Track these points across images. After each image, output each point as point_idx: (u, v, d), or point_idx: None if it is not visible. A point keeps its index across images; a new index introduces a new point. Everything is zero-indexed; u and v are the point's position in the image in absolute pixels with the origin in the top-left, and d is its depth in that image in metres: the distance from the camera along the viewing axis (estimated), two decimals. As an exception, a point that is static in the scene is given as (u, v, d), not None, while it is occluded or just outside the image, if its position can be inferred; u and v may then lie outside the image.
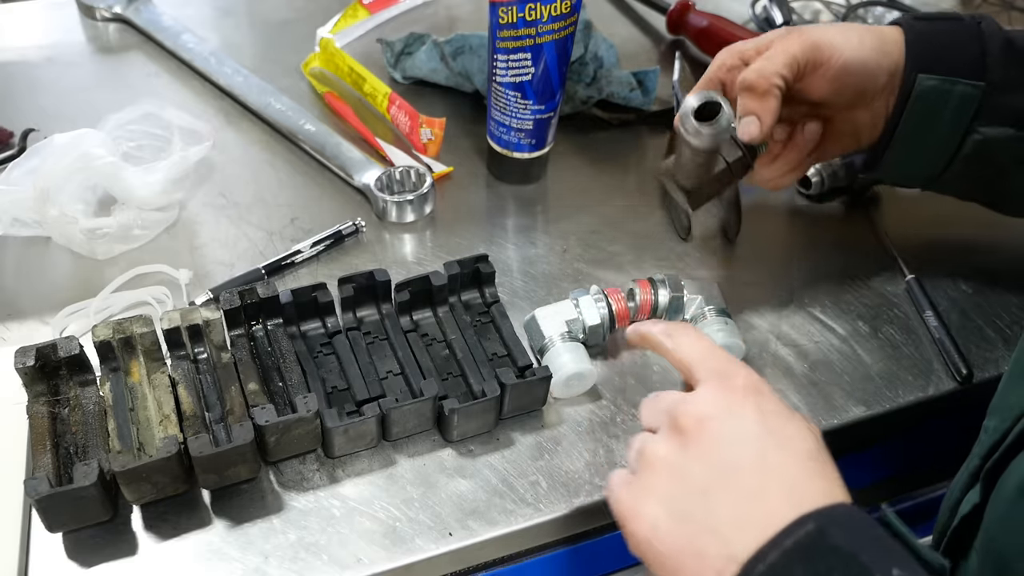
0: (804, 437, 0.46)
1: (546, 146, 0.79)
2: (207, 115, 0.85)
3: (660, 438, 0.47)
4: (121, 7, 0.95)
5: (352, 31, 0.96)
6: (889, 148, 0.66)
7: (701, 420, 0.46)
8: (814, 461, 0.45)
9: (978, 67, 0.62)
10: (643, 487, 0.46)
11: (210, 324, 0.60)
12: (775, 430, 0.45)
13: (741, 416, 0.46)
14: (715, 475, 0.44)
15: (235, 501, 0.57)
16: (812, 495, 0.43)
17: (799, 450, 0.45)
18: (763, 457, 0.44)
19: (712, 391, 0.47)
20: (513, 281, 0.72)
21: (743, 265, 0.75)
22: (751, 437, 0.45)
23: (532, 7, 0.68)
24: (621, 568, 0.70)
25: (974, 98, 0.62)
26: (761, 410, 0.46)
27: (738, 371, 0.48)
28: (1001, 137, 0.64)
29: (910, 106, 0.63)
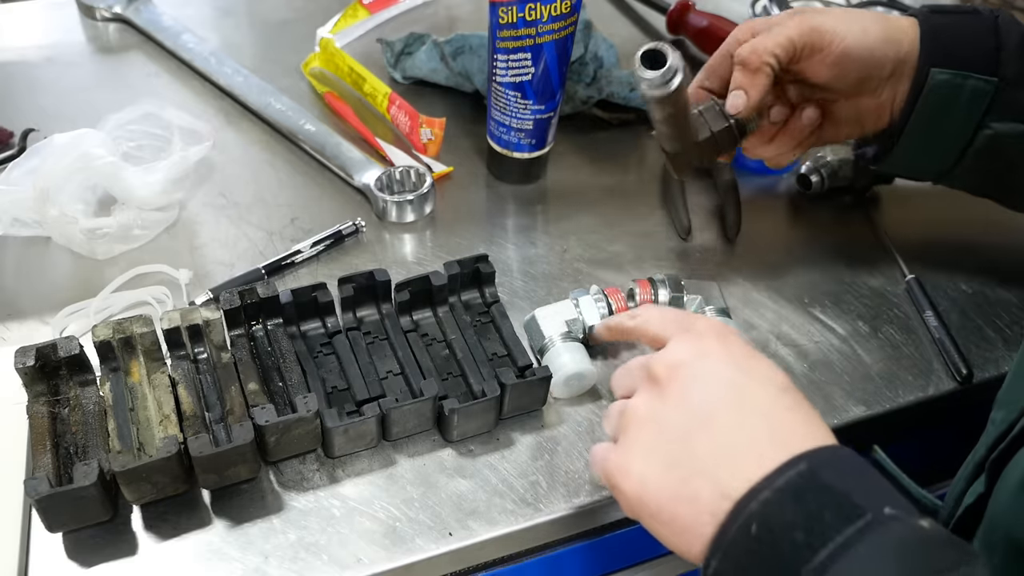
0: (774, 370, 0.47)
1: (546, 146, 0.79)
2: (207, 115, 0.85)
3: (637, 395, 0.48)
4: (121, 7, 0.95)
5: (352, 31, 0.96)
6: (900, 141, 0.66)
7: (673, 367, 0.47)
8: (788, 394, 0.46)
9: (992, 62, 0.62)
10: (626, 446, 0.47)
11: (210, 324, 0.60)
12: (746, 368, 0.47)
13: (711, 357, 0.47)
14: (695, 418, 0.45)
15: (235, 501, 0.57)
16: (797, 433, 0.44)
17: (773, 383, 0.46)
18: (740, 394, 0.45)
19: (680, 341, 0.49)
20: (513, 281, 0.72)
21: (743, 265, 0.75)
22: (724, 376, 0.46)
23: (532, 7, 0.68)
24: (621, 568, 0.70)
25: (987, 93, 0.62)
26: (729, 350, 0.47)
27: (699, 319, 0.50)
28: (1013, 132, 0.64)
29: (922, 99, 0.64)
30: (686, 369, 0.47)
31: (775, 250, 0.77)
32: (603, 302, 0.65)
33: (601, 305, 0.65)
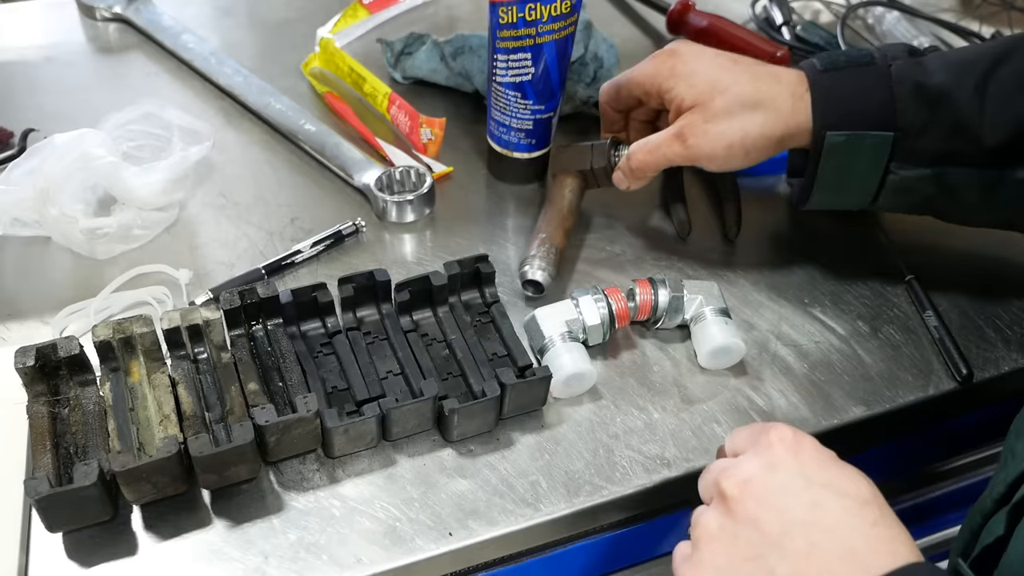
0: (855, 481, 0.45)
1: (546, 146, 0.79)
2: (207, 115, 0.85)
3: (710, 510, 0.47)
4: (121, 7, 0.95)
5: (352, 31, 0.96)
6: (811, 195, 0.68)
7: (744, 483, 0.46)
8: (872, 507, 0.44)
9: (887, 116, 0.63)
10: (699, 560, 0.46)
11: (210, 324, 0.60)
12: (822, 480, 0.45)
13: (781, 470, 0.45)
14: (766, 538, 0.44)
15: (235, 501, 0.57)
16: (879, 551, 0.42)
17: (851, 496, 0.44)
18: (813, 511, 0.44)
19: (750, 454, 0.47)
20: (513, 281, 0.72)
21: (743, 265, 0.75)
22: (796, 489, 0.44)
23: (532, 7, 0.68)
24: (621, 568, 0.70)
25: (886, 145, 0.63)
26: (801, 461, 0.46)
27: (772, 429, 0.48)
28: (920, 176, 0.65)
29: (823, 160, 0.65)
30: (756, 483, 0.45)
31: (775, 250, 0.77)
32: (603, 302, 0.65)
33: (601, 305, 0.65)
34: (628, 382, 0.66)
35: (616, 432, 0.62)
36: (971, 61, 0.64)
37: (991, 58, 0.63)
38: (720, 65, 0.67)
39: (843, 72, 0.65)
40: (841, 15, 1.01)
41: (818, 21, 1.05)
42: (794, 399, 0.65)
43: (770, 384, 0.66)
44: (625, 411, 0.64)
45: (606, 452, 0.61)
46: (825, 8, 1.08)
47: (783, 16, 1.00)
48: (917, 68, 0.64)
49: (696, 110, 0.66)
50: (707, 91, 0.65)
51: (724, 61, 0.67)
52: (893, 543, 0.43)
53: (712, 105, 0.65)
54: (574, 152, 0.76)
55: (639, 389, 0.65)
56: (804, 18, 1.04)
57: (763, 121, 0.65)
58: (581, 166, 0.75)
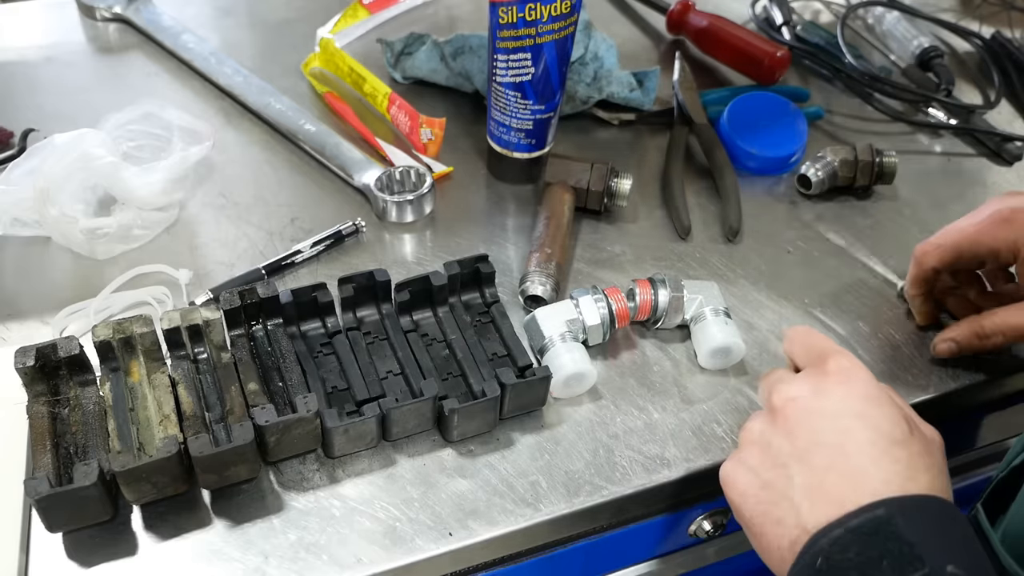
0: (893, 421, 0.47)
1: (546, 146, 0.79)
2: (207, 115, 0.85)
3: (758, 416, 0.52)
4: (121, 7, 0.95)
5: (352, 31, 0.96)
6: None
7: (789, 400, 0.50)
8: (901, 448, 0.46)
9: None
10: (739, 458, 0.51)
11: (210, 324, 0.60)
12: (861, 412, 0.47)
13: (827, 397, 0.49)
14: (795, 449, 0.48)
15: (235, 501, 0.57)
16: (892, 483, 0.44)
17: (884, 434, 0.46)
18: (844, 436, 0.47)
19: (805, 375, 0.51)
20: (513, 281, 0.72)
21: (743, 265, 0.75)
22: (832, 415, 0.48)
23: (532, 7, 0.68)
24: (621, 568, 0.70)
25: None
26: (850, 393, 0.49)
27: (834, 356, 0.51)
28: None
29: None
30: (799, 403, 0.49)
31: (775, 250, 0.77)
32: (603, 302, 0.65)
33: (601, 305, 0.65)
34: (628, 382, 0.66)
35: (616, 432, 0.62)
36: None
37: None
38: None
39: None
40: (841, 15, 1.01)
41: (818, 21, 1.05)
42: (794, 399, 0.65)
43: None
44: (625, 411, 0.64)
45: (606, 452, 0.61)
46: (825, 8, 1.08)
47: (783, 16, 1.00)
48: None
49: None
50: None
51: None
52: (912, 480, 0.45)
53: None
54: (572, 166, 0.77)
55: (639, 389, 0.65)
56: (804, 18, 1.04)
57: None
58: (577, 183, 0.76)
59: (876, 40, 1.04)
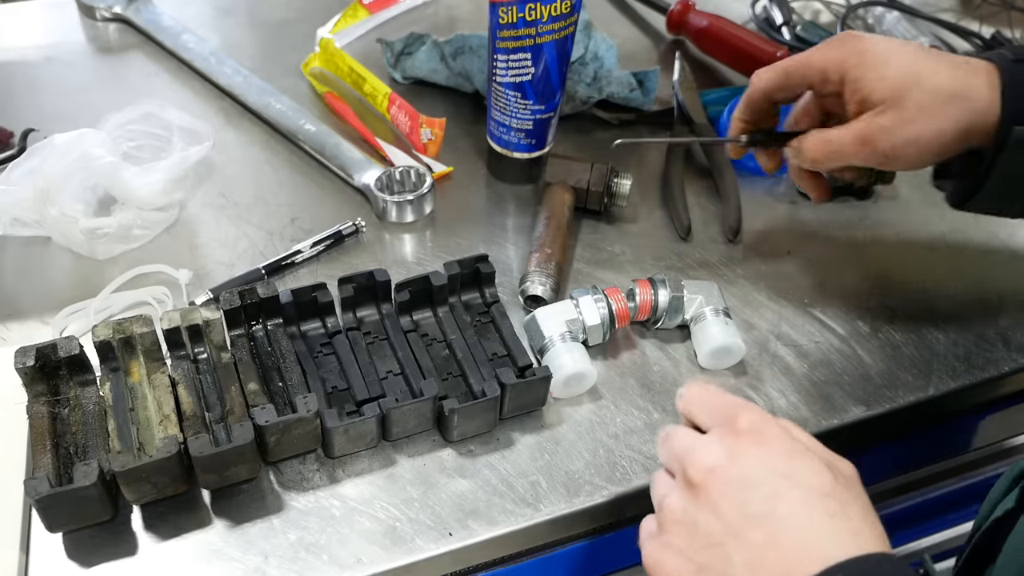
0: (817, 473, 0.45)
1: (546, 146, 0.79)
2: (207, 115, 0.85)
3: (675, 491, 0.48)
4: (121, 7, 0.95)
5: (352, 31, 0.96)
6: (977, 194, 0.63)
7: (708, 471, 0.46)
8: (832, 499, 0.44)
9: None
10: (664, 542, 0.47)
11: (210, 324, 0.60)
12: (784, 471, 0.45)
13: (745, 461, 0.45)
14: (727, 525, 0.44)
15: (235, 501, 0.57)
16: (836, 543, 0.42)
17: (813, 488, 0.44)
18: (774, 500, 0.44)
19: (716, 439, 0.47)
20: (513, 281, 0.72)
21: (743, 265, 0.75)
22: (756, 482, 0.44)
23: (532, 7, 0.68)
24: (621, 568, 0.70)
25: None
26: (767, 452, 0.45)
27: (742, 411, 0.47)
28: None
29: (1003, 157, 0.60)
30: (719, 473, 0.45)
31: (775, 250, 0.77)
32: (603, 302, 0.65)
33: (601, 305, 0.65)
34: (628, 382, 0.66)
35: (616, 432, 0.62)
36: None
37: None
38: (914, 53, 0.60)
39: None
40: (841, 15, 1.01)
41: (818, 21, 1.05)
42: (794, 399, 0.65)
43: (770, 384, 0.66)
44: (625, 411, 0.64)
45: (606, 452, 0.61)
46: (825, 8, 1.08)
47: (783, 16, 1.00)
48: None
49: (886, 109, 0.60)
50: (900, 83, 0.59)
51: (918, 49, 0.61)
52: (855, 535, 0.43)
53: (906, 101, 0.59)
54: (572, 166, 0.77)
55: (639, 389, 0.65)
56: (804, 18, 1.04)
57: (959, 117, 0.59)
58: (577, 183, 0.76)
59: (876, 40, 1.04)
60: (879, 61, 0.60)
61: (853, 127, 0.61)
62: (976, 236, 0.79)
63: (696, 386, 0.51)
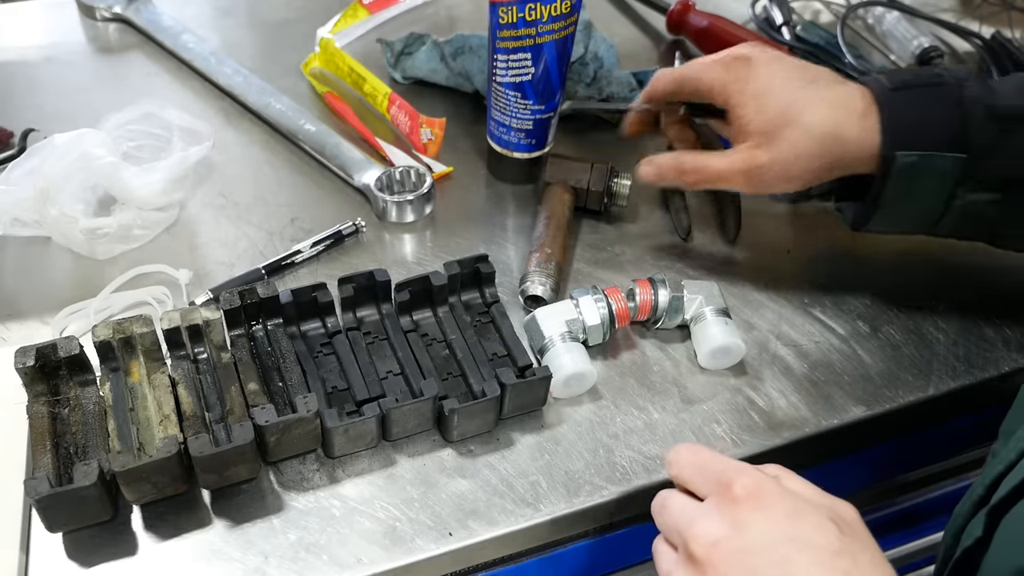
0: (823, 530, 0.44)
1: (546, 146, 0.79)
2: (207, 115, 0.85)
3: (679, 568, 0.47)
4: (121, 7, 0.95)
5: (352, 31, 0.96)
6: (873, 216, 0.66)
7: (711, 546, 0.45)
8: (843, 556, 0.43)
9: (959, 138, 0.61)
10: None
11: (210, 324, 0.60)
12: (791, 536, 0.44)
13: (749, 531, 0.45)
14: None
15: (235, 501, 0.57)
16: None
17: (821, 548, 0.43)
18: (784, 567, 0.43)
19: (714, 509, 0.46)
20: (513, 281, 0.72)
21: (743, 265, 0.75)
22: (763, 550, 0.44)
23: (532, 7, 0.68)
24: (621, 568, 0.70)
25: (956, 168, 0.62)
26: (769, 517, 0.45)
27: (737, 475, 0.46)
28: (987, 200, 0.63)
29: (890, 181, 0.63)
30: (724, 546, 0.44)
31: (775, 250, 0.77)
32: (603, 302, 0.65)
33: (601, 305, 0.65)
34: (628, 382, 0.66)
35: (616, 432, 0.62)
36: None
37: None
38: (795, 87, 0.64)
39: (913, 91, 0.62)
40: (841, 15, 1.01)
41: (818, 21, 1.05)
42: (794, 399, 0.65)
43: (770, 384, 0.66)
44: (625, 411, 0.64)
45: (606, 452, 0.61)
46: (825, 8, 1.08)
47: (783, 16, 1.00)
48: (988, 90, 0.62)
49: (762, 144, 0.64)
50: (775, 120, 0.63)
51: (800, 83, 0.64)
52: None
53: (780, 137, 0.63)
54: (572, 166, 0.77)
55: (639, 389, 0.65)
56: (804, 18, 1.04)
57: (831, 152, 0.63)
58: (577, 183, 0.76)
59: (876, 40, 1.04)
60: (760, 93, 0.64)
61: (732, 159, 0.66)
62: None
63: (686, 450, 0.50)
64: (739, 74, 0.65)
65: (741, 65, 0.66)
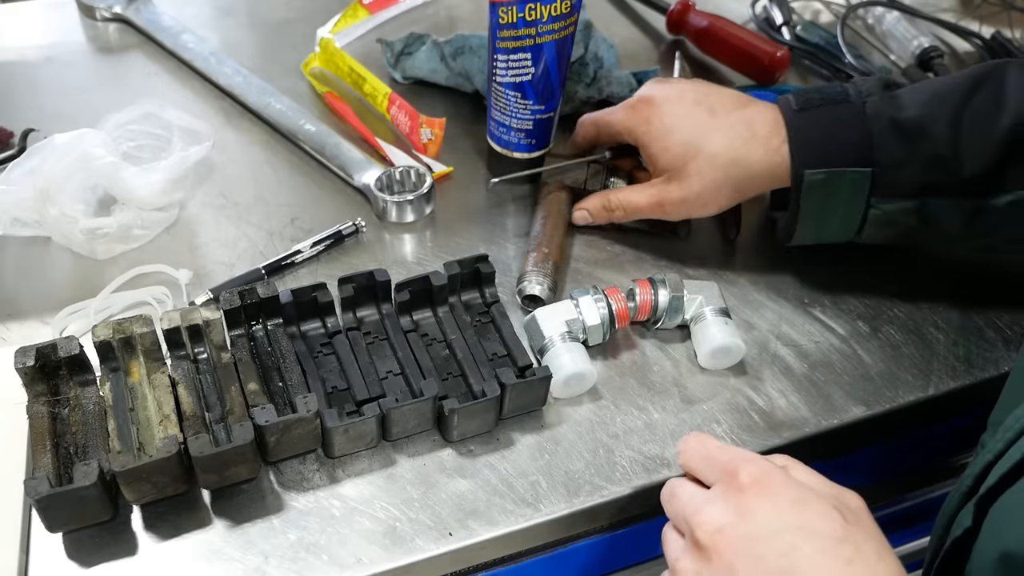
0: (827, 519, 0.45)
1: (546, 146, 0.79)
2: (207, 115, 0.85)
3: (686, 555, 0.47)
4: (121, 7, 0.95)
5: (352, 31, 0.96)
6: (796, 229, 0.68)
7: (716, 532, 0.45)
8: (847, 544, 0.44)
9: (865, 152, 0.63)
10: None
11: (210, 324, 0.60)
12: (796, 524, 0.45)
13: (754, 517, 0.45)
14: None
15: (235, 501, 0.57)
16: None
17: (826, 536, 0.44)
18: (789, 555, 0.43)
19: (720, 496, 0.47)
20: (513, 281, 0.72)
21: (743, 265, 0.75)
22: (768, 537, 0.44)
23: (532, 7, 0.68)
24: (621, 568, 0.70)
25: (865, 181, 0.64)
26: (775, 505, 0.45)
27: (744, 464, 0.47)
28: (900, 209, 0.65)
29: (804, 198, 0.65)
30: (729, 535, 0.45)
31: (775, 250, 0.77)
32: (603, 302, 0.65)
33: (601, 305, 0.65)
34: (628, 382, 0.66)
35: (616, 432, 0.62)
36: (945, 92, 0.64)
37: (964, 88, 0.63)
38: (695, 121, 0.68)
39: (818, 111, 0.65)
40: (841, 15, 1.01)
41: (818, 21, 1.05)
42: (794, 399, 0.65)
43: (770, 384, 0.66)
44: (625, 411, 0.64)
45: (606, 452, 0.61)
46: (825, 8, 1.08)
47: (783, 16, 1.00)
48: (892, 103, 0.64)
49: (671, 178, 0.69)
50: (680, 155, 0.68)
51: (700, 115, 0.68)
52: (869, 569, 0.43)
53: (686, 171, 0.68)
54: (569, 166, 0.77)
55: (639, 389, 0.65)
56: (804, 18, 1.04)
57: (738, 176, 0.67)
58: (574, 182, 0.77)
59: (876, 40, 1.04)
60: (664, 132, 0.69)
61: (648, 193, 0.71)
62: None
63: (695, 439, 0.51)
64: (644, 115, 0.70)
65: (645, 106, 0.70)
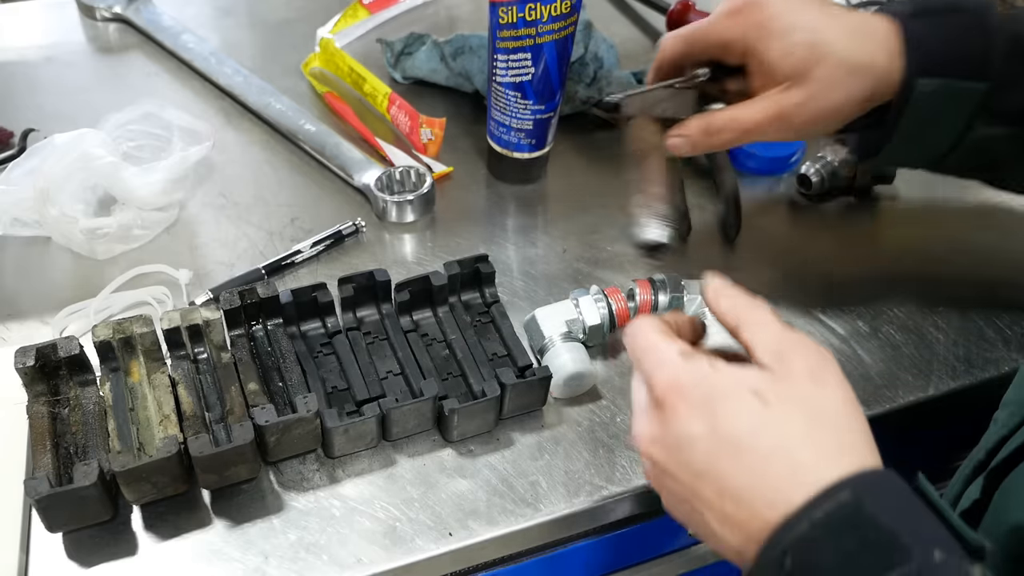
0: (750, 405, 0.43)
1: (546, 146, 0.79)
2: (207, 115, 0.85)
3: (647, 414, 0.46)
4: (121, 7, 0.95)
5: (352, 31, 0.96)
6: (887, 144, 0.62)
7: None
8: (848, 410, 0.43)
9: (981, 67, 0.58)
10: (655, 475, 0.47)
11: (210, 324, 0.60)
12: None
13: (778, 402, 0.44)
14: (719, 442, 0.42)
15: (235, 501, 0.57)
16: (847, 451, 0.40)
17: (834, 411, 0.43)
18: None
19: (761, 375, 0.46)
20: (513, 281, 0.72)
21: (743, 265, 0.75)
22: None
23: (532, 7, 0.68)
24: (621, 568, 0.70)
25: (975, 98, 0.59)
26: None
27: (798, 353, 0.47)
28: (1000, 135, 0.61)
29: (908, 109, 0.60)
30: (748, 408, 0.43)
31: (775, 250, 0.77)
32: (603, 302, 0.65)
33: (601, 305, 0.65)
34: (628, 382, 0.66)
35: (616, 432, 0.62)
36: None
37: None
38: (816, 19, 0.59)
39: (935, 18, 0.59)
40: (841, 15, 1.01)
41: (818, 21, 1.05)
42: (794, 399, 0.65)
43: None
44: (625, 411, 0.64)
45: (606, 452, 0.61)
46: (825, 8, 1.08)
47: (783, 16, 1.00)
48: (1015, 18, 0.58)
49: (792, 86, 0.59)
50: (807, 58, 0.59)
51: (818, 13, 0.60)
52: (858, 439, 0.42)
53: (812, 78, 0.59)
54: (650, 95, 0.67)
55: (639, 389, 0.65)
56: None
57: (864, 86, 0.59)
58: (664, 113, 0.67)
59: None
60: (783, 31, 0.59)
61: (763, 105, 0.61)
62: (976, 236, 0.79)
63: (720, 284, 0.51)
64: (754, 19, 0.60)
65: (753, 9, 0.61)
